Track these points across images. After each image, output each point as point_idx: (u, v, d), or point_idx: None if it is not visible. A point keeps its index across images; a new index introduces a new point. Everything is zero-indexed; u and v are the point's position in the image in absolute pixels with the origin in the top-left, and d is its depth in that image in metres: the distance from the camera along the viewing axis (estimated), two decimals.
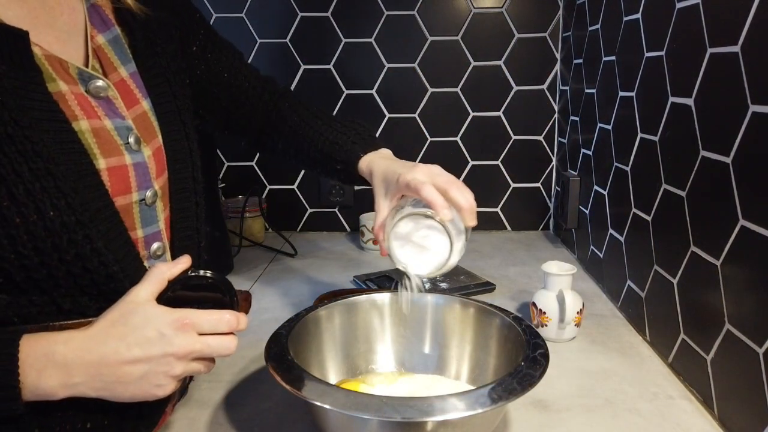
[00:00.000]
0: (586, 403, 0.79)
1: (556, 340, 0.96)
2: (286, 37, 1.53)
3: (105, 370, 0.51)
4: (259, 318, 1.07)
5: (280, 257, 1.43)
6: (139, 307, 0.53)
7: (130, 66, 0.61)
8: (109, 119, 0.56)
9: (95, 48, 0.59)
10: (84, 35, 0.58)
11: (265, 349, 0.69)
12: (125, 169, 0.56)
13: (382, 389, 0.77)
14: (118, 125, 0.57)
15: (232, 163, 1.61)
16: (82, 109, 0.54)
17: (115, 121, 0.57)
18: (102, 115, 0.56)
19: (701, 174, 0.78)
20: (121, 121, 0.57)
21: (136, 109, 0.60)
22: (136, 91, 0.60)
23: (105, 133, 0.55)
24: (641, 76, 0.98)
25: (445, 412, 0.56)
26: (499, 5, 1.50)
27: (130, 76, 0.60)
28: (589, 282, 1.23)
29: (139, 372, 0.52)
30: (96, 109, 0.56)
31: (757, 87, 0.65)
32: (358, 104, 1.56)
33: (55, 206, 0.50)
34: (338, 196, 1.61)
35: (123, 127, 0.57)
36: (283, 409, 0.78)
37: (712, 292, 0.75)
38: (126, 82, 0.60)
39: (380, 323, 0.83)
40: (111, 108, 0.57)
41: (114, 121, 0.57)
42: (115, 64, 0.60)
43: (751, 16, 0.66)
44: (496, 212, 1.62)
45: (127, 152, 0.57)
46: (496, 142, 1.58)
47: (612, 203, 1.14)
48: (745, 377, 0.68)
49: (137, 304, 0.53)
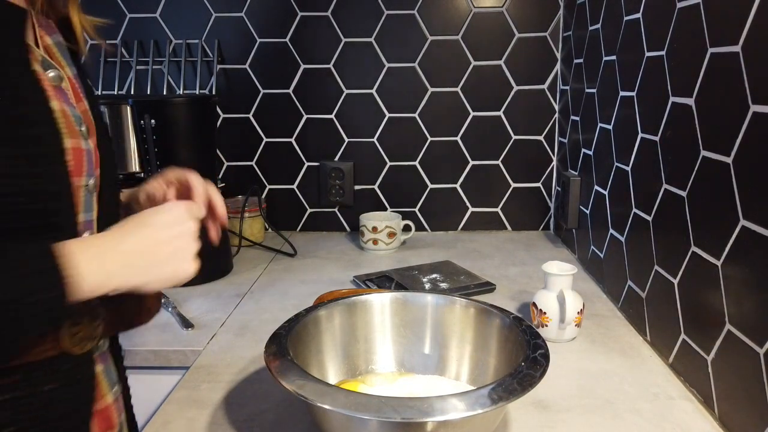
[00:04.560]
0: (587, 404, 0.79)
1: (556, 340, 0.96)
2: (286, 37, 1.53)
3: (140, 255, 0.56)
4: (259, 318, 1.07)
5: (280, 257, 1.43)
6: (148, 210, 0.60)
7: (73, 69, 0.64)
8: (67, 105, 0.60)
9: (45, 46, 0.62)
10: (33, 32, 0.62)
11: (265, 349, 0.69)
12: (81, 153, 0.60)
13: (381, 389, 0.77)
14: (73, 113, 0.61)
15: (232, 163, 1.61)
16: (53, 90, 0.59)
17: (71, 108, 0.60)
18: (63, 100, 0.60)
19: (702, 174, 0.78)
20: (74, 110, 0.61)
21: (81, 105, 0.63)
22: (79, 90, 0.64)
23: (68, 117, 0.59)
24: (642, 76, 0.98)
25: (445, 412, 0.56)
26: (500, 5, 1.50)
27: (73, 77, 0.64)
28: (589, 282, 1.23)
29: (170, 250, 0.58)
30: (59, 93, 0.60)
31: (758, 87, 0.65)
32: (358, 104, 1.56)
33: (32, 173, 0.53)
34: (338, 196, 1.60)
35: (77, 115, 0.61)
36: (282, 409, 0.78)
37: (712, 293, 0.75)
38: (72, 81, 0.63)
39: (380, 323, 0.83)
40: (66, 98, 0.61)
41: (71, 108, 0.60)
42: (63, 64, 0.63)
43: (752, 16, 0.66)
44: (497, 212, 1.62)
45: (82, 138, 0.61)
46: (497, 142, 1.58)
47: (612, 203, 1.14)
48: (745, 378, 0.68)
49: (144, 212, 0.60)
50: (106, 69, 1.53)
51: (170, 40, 1.53)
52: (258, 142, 1.59)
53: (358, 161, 1.59)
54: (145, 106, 1.15)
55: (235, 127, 1.58)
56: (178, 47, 1.53)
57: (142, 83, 1.55)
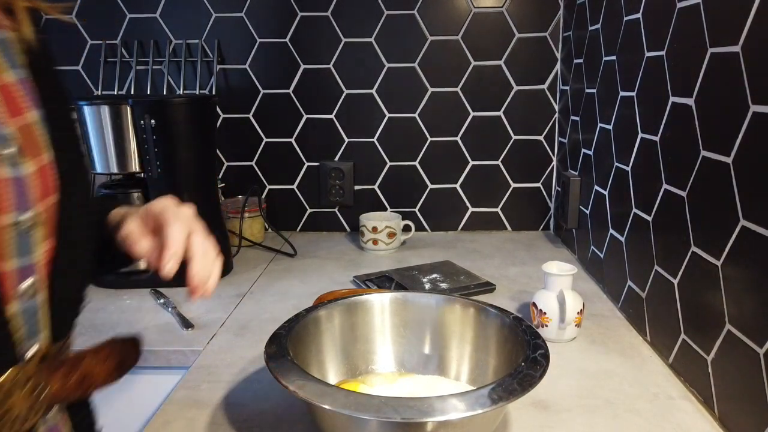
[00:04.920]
0: (587, 404, 0.79)
1: (556, 340, 0.96)
2: (286, 37, 1.53)
3: None
4: (259, 318, 1.07)
5: (280, 257, 1.43)
6: None
7: (20, 72, 0.53)
8: None
9: None
10: None
11: (265, 349, 0.69)
12: (3, 184, 0.47)
13: (381, 390, 0.77)
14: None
15: (232, 163, 1.61)
16: None
17: None
18: None
19: (702, 174, 0.78)
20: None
21: (21, 119, 0.51)
22: (22, 99, 0.52)
23: None
24: (642, 76, 0.98)
25: (445, 412, 0.56)
26: (500, 5, 1.50)
27: (17, 82, 0.52)
28: (589, 282, 1.23)
29: None
30: None
31: (758, 87, 0.65)
32: (358, 104, 1.56)
33: None
34: (338, 196, 1.60)
35: (3, 134, 0.49)
36: (282, 409, 0.78)
37: (712, 293, 0.75)
38: (10, 88, 0.52)
39: (380, 323, 0.83)
40: None
41: None
42: (1, 68, 0.51)
43: (752, 16, 0.66)
44: (496, 212, 1.62)
45: (4, 164, 0.48)
46: (496, 142, 1.58)
47: (612, 203, 1.14)
48: (745, 378, 0.68)
49: None
50: (106, 69, 1.54)
51: (170, 40, 1.53)
52: (258, 142, 1.59)
53: (358, 161, 1.59)
54: (145, 106, 1.15)
55: (235, 127, 1.58)
56: (178, 47, 1.53)
57: (142, 83, 1.55)
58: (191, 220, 0.62)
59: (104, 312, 1.10)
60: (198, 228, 0.62)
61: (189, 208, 0.62)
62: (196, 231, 0.61)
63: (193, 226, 0.61)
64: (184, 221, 0.60)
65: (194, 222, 0.62)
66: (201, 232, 0.62)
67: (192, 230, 0.61)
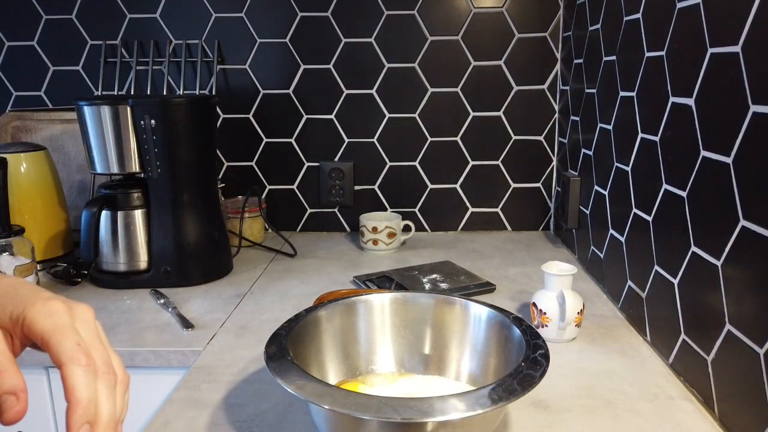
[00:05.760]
0: (587, 404, 0.79)
1: (556, 340, 0.96)
2: (286, 37, 1.53)
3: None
4: (259, 318, 1.07)
5: (280, 257, 1.43)
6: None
7: None
8: None
9: None
10: None
11: (265, 349, 0.69)
12: None
13: (381, 390, 0.77)
14: None
15: (232, 163, 1.61)
16: None
17: None
18: None
19: (702, 174, 0.78)
20: None
21: None
22: None
23: None
24: (642, 76, 0.98)
25: (445, 412, 0.56)
26: (500, 5, 1.50)
27: None
28: (589, 282, 1.23)
29: None
30: None
31: (758, 87, 0.65)
32: (358, 104, 1.56)
33: None
34: (338, 196, 1.60)
35: None
36: (282, 409, 0.78)
37: (712, 293, 0.75)
38: None
39: (380, 323, 0.83)
40: None
41: None
42: None
43: (752, 16, 0.66)
44: (496, 212, 1.62)
45: None
46: (496, 142, 1.58)
47: (612, 203, 1.14)
48: (746, 378, 0.68)
49: None
50: (106, 69, 1.54)
51: (170, 40, 1.53)
52: (258, 142, 1.59)
53: (358, 161, 1.59)
54: (145, 107, 1.15)
55: (235, 127, 1.58)
56: (178, 47, 1.53)
57: (142, 83, 1.55)
58: (92, 331, 0.42)
59: (104, 312, 1.10)
60: (102, 344, 0.42)
61: (86, 311, 0.43)
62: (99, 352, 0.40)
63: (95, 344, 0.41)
64: (82, 342, 0.40)
65: (95, 334, 0.42)
66: (104, 350, 0.42)
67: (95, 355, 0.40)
